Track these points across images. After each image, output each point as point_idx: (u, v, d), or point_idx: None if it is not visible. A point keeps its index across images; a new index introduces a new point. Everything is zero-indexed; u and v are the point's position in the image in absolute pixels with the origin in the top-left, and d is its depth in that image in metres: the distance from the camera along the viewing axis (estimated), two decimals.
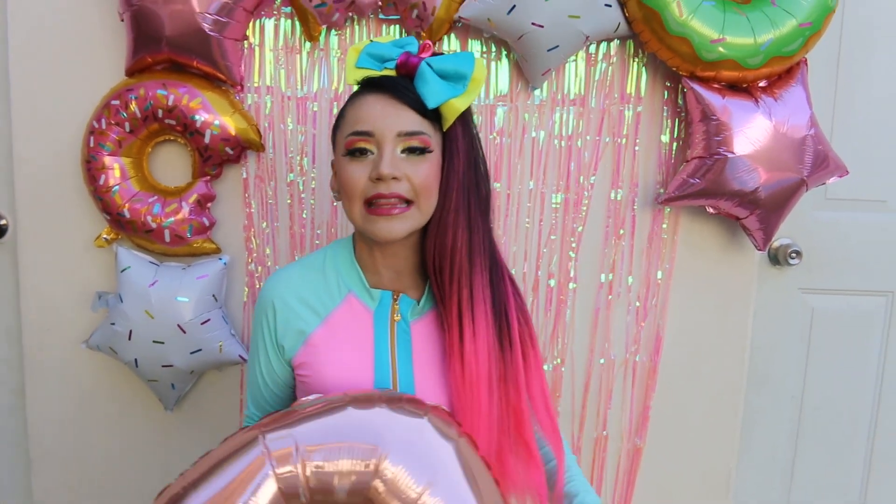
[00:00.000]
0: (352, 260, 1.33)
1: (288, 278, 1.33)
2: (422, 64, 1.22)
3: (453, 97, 1.21)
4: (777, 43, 1.73)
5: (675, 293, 2.05)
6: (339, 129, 1.27)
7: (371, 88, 1.24)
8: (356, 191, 1.21)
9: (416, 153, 1.21)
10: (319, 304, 1.31)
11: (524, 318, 1.36)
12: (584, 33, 1.77)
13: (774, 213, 1.87)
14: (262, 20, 1.89)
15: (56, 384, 2.06)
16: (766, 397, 2.29)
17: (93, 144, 1.83)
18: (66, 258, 1.99)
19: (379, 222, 1.21)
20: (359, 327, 1.30)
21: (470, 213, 1.26)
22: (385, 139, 1.20)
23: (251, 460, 1.05)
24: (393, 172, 1.18)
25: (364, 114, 1.22)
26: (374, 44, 1.26)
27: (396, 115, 1.20)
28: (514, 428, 1.29)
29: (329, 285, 1.32)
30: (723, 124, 1.79)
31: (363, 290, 1.31)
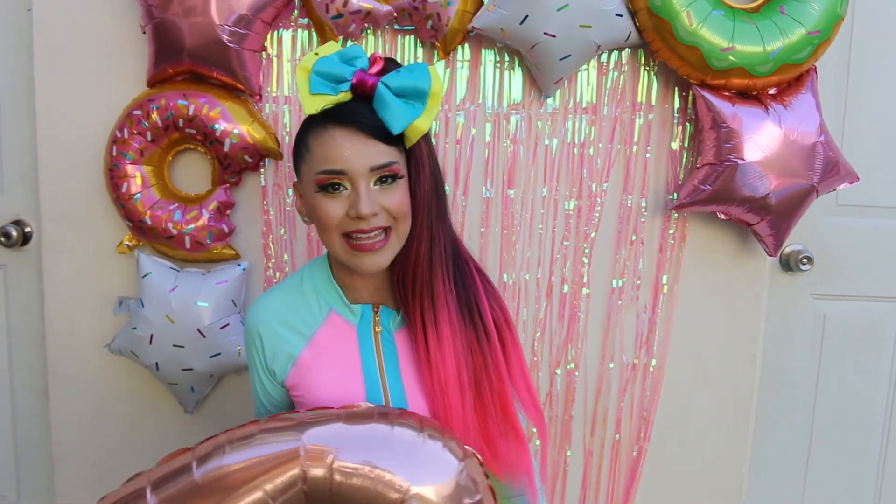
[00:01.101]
0: (329, 279, 1.34)
1: (269, 305, 1.35)
2: (379, 86, 1.19)
3: (415, 119, 1.20)
4: (786, 51, 1.75)
5: (685, 298, 2.06)
6: (303, 160, 1.25)
7: (334, 121, 1.20)
8: (332, 225, 1.22)
9: (389, 182, 1.21)
10: (303, 325, 1.33)
11: (496, 302, 1.38)
12: (596, 43, 1.80)
13: (785, 219, 1.88)
14: (279, 32, 1.92)
15: (78, 388, 2.09)
16: (778, 402, 2.29)
17: (115, 153, 1.86)
18: (88, 264, 2.02)
19: (363, 257, 1.22)
20: (344, 343, 1.33)
21: (432, 223, 1.27)
22: (358, 176, 1.19)
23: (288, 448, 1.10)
24: (372, 210, 1.19)
25: (333, 151, 1.19)
26: (321, 61, 1.21)
27: (366, 151, 1.19)
28: (500, 412, 1.33)
29: (310, 305, 1.34)
30: (733, 131, 1.81)
31: (344, 306, 1.33)
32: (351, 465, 1.10)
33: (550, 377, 2.08)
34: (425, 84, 1.19)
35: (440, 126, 1.95)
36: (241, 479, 1.09)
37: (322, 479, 1.09)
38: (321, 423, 1.14)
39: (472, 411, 1.29)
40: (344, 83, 1.20)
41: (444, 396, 1.27)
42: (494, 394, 1.32)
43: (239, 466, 1.09)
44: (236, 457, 1.10)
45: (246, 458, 1.10)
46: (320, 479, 1.09)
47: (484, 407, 1.31)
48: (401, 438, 1.13)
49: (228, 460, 1.10)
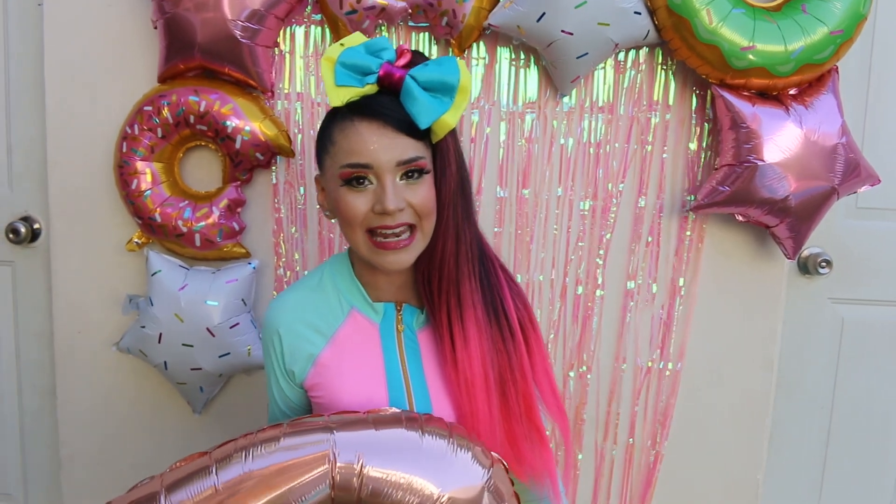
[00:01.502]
0: (351, 276, 1.31)
1: (288, 303, 1.32)
2: (406, 79, 1.15)
3: (443, 113, 1.16)
4: (808, 50, 1.72)
5: (701, 301, 2.04)
6: (327, 153, 1.21)
7: (360, 114, 1.16)
8: (357, 221, 1.19)
9: (415, 177, 1.18)
10: (324, 323, 1.30)
11: (521, 301, 1.36)
12: (614, 41, 1.77)
13: (805, 221, 1.85)
14: (292, 27, 1.90)
15: (86, 386, 2.08)
16: (795, 407, 2.26)
17: (125, 150, 1.84)
18: (97, 262, 2.01)
19: (388, 255, 1.19)
20: (366, 342, 1.30)
21: (458, 221, 1.24)
22: (384, 171, 1.16)
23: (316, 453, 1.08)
24: (398, 206, 1.16)
25: (359, 145, 1.16)
26: (347, 52, 1.17)
27: (393, 145, 1.15)
28: (524, 414, 1.30)
29: (331, 304, 1.31)
30: (753, 132, 1.78)
31: (366, 304, 1.30)
32: (381, 472, 1.07)
33: (563, 379, 2.05)
34: (454, 78, 1.16)
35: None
36: (266, 486, 1.05)
37: (351, 486, 1.06)
38: (349, 428, 1.10)
39: (497, 413, 1.27)
40: (370, 75, 1.17)
41: (471, 398, 1.25)
42: (519, 395, 1.29)
43: (264, 472, 1.05)
44: (260, 462, 1.06)
45: (271, 464, 1.06)
46: (349, 486, 1.06)
47: (508, 409, 1.28)
48: (431, 446, 1.10)
49: (252, 466, 1.06)
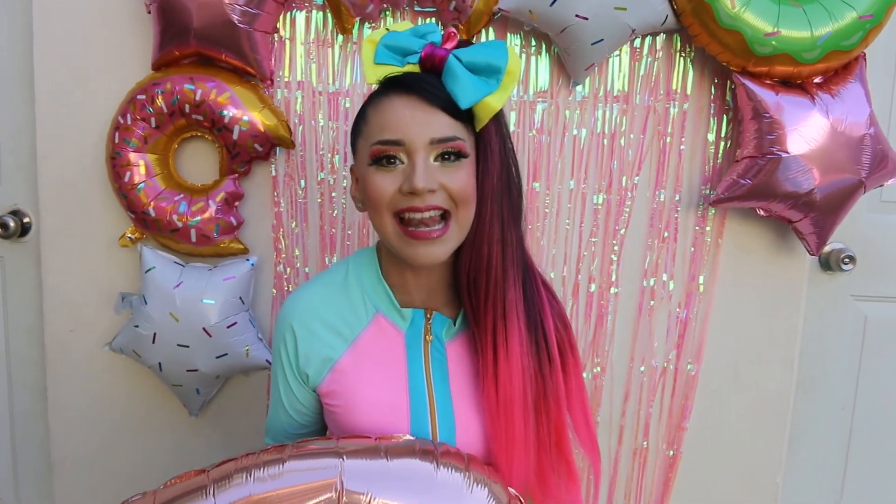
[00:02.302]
0: (378, 276, 1.23)
1: (307, 299, 1.23)
2: (449, 58, 1.09)
3: (487, 95, 1.09)
4: (835, 36, 1.64)
5: (720, 299, 1.97)
6: (360, 134, 1.15)
7: (396, 89, 1.11)
8: (384, 203, 1.10)
9: (451, 160, 1.10)
10: (345, 326, 1.22)
11: (563, 323, 1.27)
12: (631, 26, 1.69)
13: (830, 216, 1.77)
14: (293, 12, 1.82)
15: (79, 387, 2.01)
16: (815, 408, 2.19)
17: (118, 140, 1.77)
18: (89, 257, 1.94)
19: (418, 247, 1.10)
20: (389, 350, 1.21)
21: (503, 222, 1.15)
22: (416, 148, 1.08)
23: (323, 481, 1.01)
24: (429, 185, 1.07)
25: (391, 120, 1.09)
26: (391, 34, 1.13)
27: (427, 120, 1.08)
28: (554, 445, 1.21)
29: (354, 305, 1.23)
30: (776, 122, 1.70)
31: (393, 309, 1.22)
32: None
33: None
34: (501, 60, 1.09)
35: None
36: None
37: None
38: (359, 456, 1.03)
39: (534, 434, 1.17)
40: (412, 55, 1.11)
41: (509, 417, 1.15)
42: (551, 423, 1.19)
43: (265, 496, 0.98)
44: (262, 486, 0.99)
45: (274, 488, 0.99)
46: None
47: (539, 436, 1.18)
48: (445, 480, 1.03)
49: (254, 489, 0.98)
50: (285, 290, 1.92)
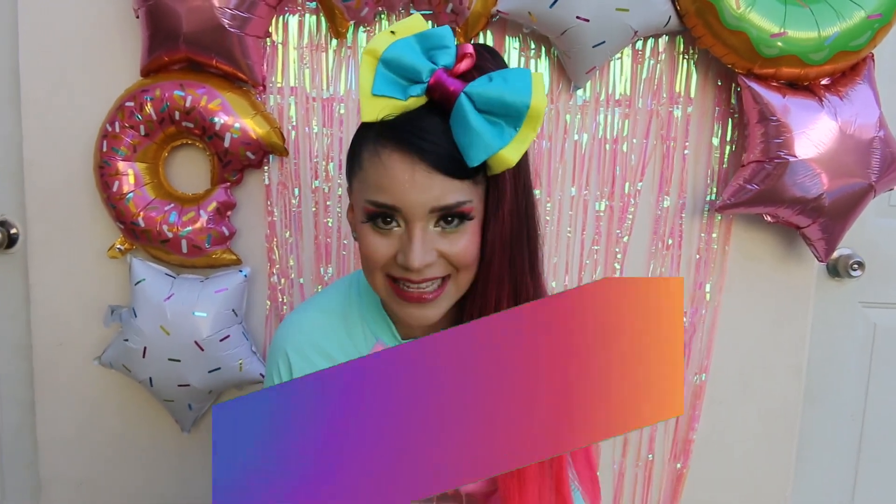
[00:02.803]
0: (379, 307, 1.16)
1: (304, 324, 1.17)
2: (461, 99, 0.91)
3: (501, 148, 0.92)
4: (843, 36, 1.60)
5: (725, 307, 1.92)
6: (355, 175, 1.02)
7: (395, 141, 0.95)
8: (378, 264, 1.01)
9: (454, 224, 0.98)
10: (342, 356, 1.14)
11: None
12: (633, 28, 1.65)
13: (839, 221, 1.73)
14: (285, 16, 1.78)
15: (68, 402, 1.96)
16: (823, 418, 2.15)
17: (106, 149, 1.72)
18: (78, 269, 1.89)
19: (409, 308, 1.02)
20: None
21: (515, 273, 1.03)
22: (415, 217, 0.96)
23: None
24: (425, 261, 0.97)
25: (386, 182, 0.95)
26: (395, 47, 0.93)
27: (429, 186, 0.94)
28: (553, 482, 1.12)
29: (353, 334, 1.16)
30: (783, 125, 1.65)
31: (393, 340, 1.16)
32: None
33: None
34: (523, 100, 0.91)
35: None
36: None
37: None
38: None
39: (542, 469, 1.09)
40: (417, 85, 0.94)
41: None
42: (552, 461, 1.11)
43: None
44: None
45: None
46: None
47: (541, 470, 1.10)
48: None
49: None
50: (279, 302, 1.87)
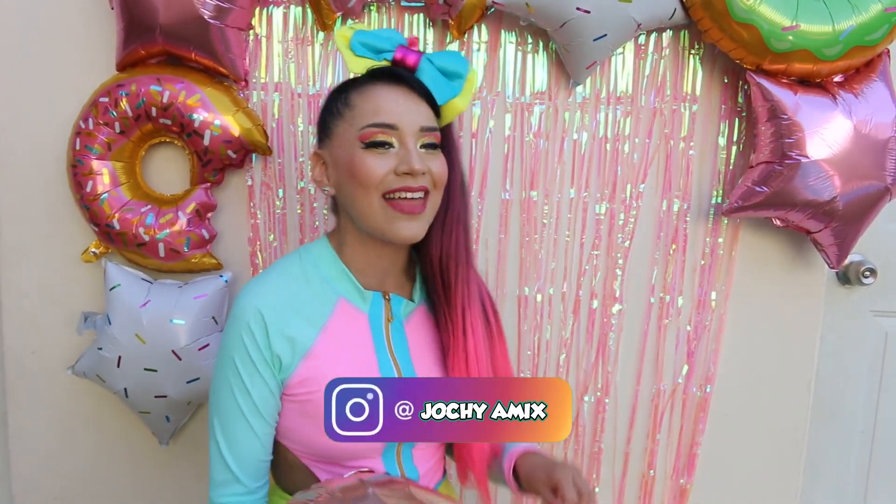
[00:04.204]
0: (338, 263, 1.25)
1: (272, 286, 1.21)
2: (423, 59, 1.23)
3: (455, 96, 1.25)
4: (859, 31, 1.53)
5: (732, 316, 1.86)
6: (341, 117, 1.21)
7: (386, 79, 1.21)
8: (375, 183, 1.16)
9: (431, 148, 1.20)
10: (314, 313, 1.21)
11: (491, 300, 1.37)
12: (636, 20, 1.57)
13: (852, 226, 1.66)
14: (269, 8, 1.70)
15: (41, 413, 1.88)
16: (833, 433, 2.10)
17: (79, 147, 1.64)
18: (52, 274, 1.81)
19: (403, 221, 1.17)
20: (356, 334, 1.23)
21: (465, 209, 1.28)
22: (408, 133, 1.17)
23: None
24: (422, 167, 1.16)
25: (385, 105, 1.17)
26: (362, 33, 1.24)
27: (417, 110, 1.19)
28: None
29: (317, 293, 1.23)
30: (795, 124, 1.58)
31: (355, 293, 1.25)
32: None
33: (577, 404, 1.87)
34: (463, 67, 1.25)
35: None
36: None
37: None
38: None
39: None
40: (385, 53, 1.23)
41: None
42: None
43: None
44: None
45: None
46: None
47: None
48: None
49: None
50: None
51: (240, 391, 1.18)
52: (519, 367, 1.83)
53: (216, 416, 1.20)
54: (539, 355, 1.83)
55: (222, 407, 1.19)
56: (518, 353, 1.83)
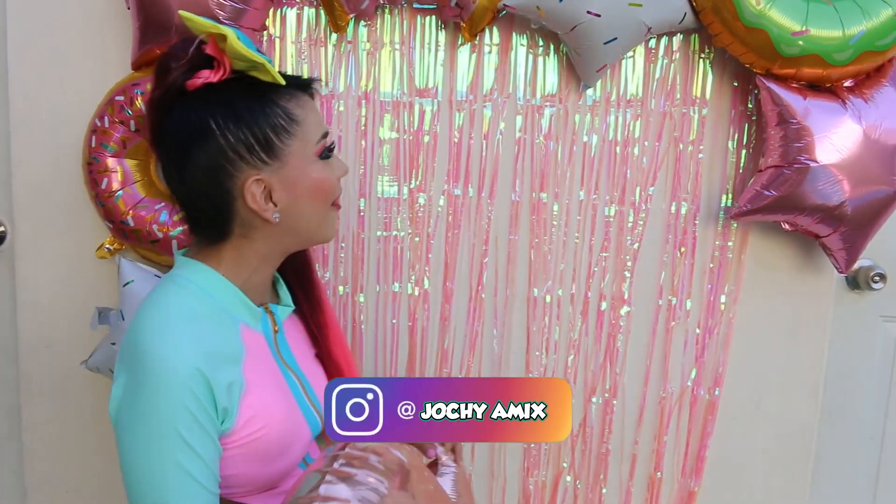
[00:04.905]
0: (229, 288, 1.12)
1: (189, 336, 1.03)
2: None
3: None
4: (869, 36, 1.53)
5: (740, 320, 1.86)
6: (292, 135, 1.10)
7: (299, 87, 1.14)
8: (335, 194, 1.18)
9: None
10: (230, 349, 1.09)
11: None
12: (646, 24, 1.58)
13: (861, 230, 1.66)
14: (283, 9, 1.71)
15: (55, 406, 1.90)
16: (841, 438, 2.08)
17: (94, 145, 1.66)
18: (67, 269, 1.83)
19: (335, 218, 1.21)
20: (262, 355, 1.16)
21: None
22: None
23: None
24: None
25: (318, 115, 1.16)
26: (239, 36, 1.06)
27: None
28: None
29: (223, 325, 1.10)
30: (804, 129, 1.58)
31: (248, 315, 1.15)
32: None
33: (585, 406, 1.86)
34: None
35: (465, 119, 1.74)
36: None
37: None
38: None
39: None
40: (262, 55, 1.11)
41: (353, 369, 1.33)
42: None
43: None
44: None
45: None
46: None
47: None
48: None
49: None
50: None
51: (191, 461, 0.99)
52: (528, 368, 1.84)
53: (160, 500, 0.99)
54: (547, 356, 1.83)
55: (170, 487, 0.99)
56: (527, 353, 1.84)
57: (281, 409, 1.12)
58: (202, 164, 1.06)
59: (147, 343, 1.00)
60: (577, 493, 1.89)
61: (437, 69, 1.74)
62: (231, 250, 1.13)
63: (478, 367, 1.83)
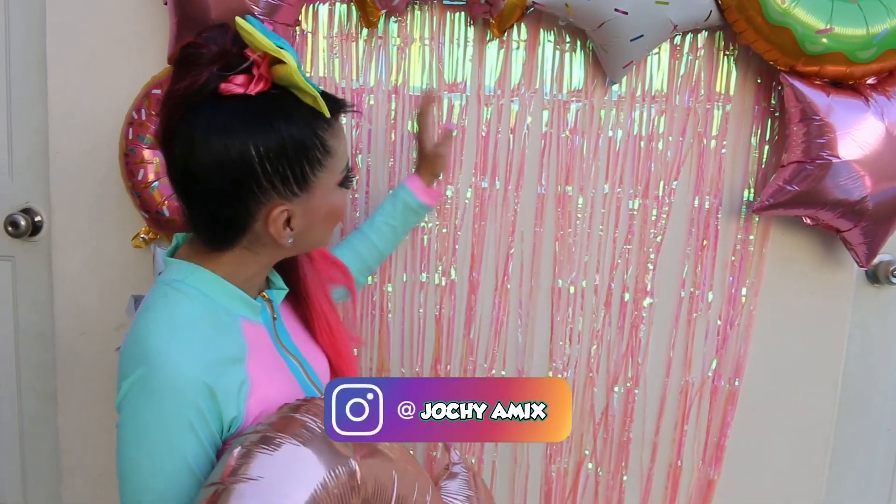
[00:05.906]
0: (225, 285, 1.10)
1: (193, 345, 1.01)
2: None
3: None
4: (893, 34, 1.54)
5: (761, 312, 1.87)
6: (323, 167, 1.07)
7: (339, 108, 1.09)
8: (343, 215, 1.19)
9: None
10: (234, 349, 1.08)
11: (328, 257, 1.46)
12: (673, 22, 1.59)
13: (882, 225, 1.67)
14: (315, 5, 1.74)
15: (90, 391, 1.94)
16: (859, 431, 2.09)
17: (131, 137, 1.69)
18: (102, 258, 1.88)
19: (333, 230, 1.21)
20: (265, 345, 1.15)
21: None
22: None
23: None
24: None
25: (346, 145, 1.14)
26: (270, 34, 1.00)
27: None
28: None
29: (225, 326, 1.09)
30: (827, 125, 1.59)
31: (248, 308, 1.13)
32: None
33: (607, 395, 1.89)
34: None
35: (493, 114, 1.76)
36: None
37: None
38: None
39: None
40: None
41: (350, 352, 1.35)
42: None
43: None
44: None
45: None
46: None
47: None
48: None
49: None
50: None
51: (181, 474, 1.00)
52: (551, 358, 1.87)
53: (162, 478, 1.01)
54: (571, 346, 1.86)
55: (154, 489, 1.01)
56: (550, 343, 1.86)
57: (285, 397, 1.09)
58: (228, 182, 1.01)
59: (154, 355, 0.98)
60: (598, 480, 1.92)
61: (465, 64, 1.76)
62: (232, 258, 1.10)
63: (502, 356, 1.87)
